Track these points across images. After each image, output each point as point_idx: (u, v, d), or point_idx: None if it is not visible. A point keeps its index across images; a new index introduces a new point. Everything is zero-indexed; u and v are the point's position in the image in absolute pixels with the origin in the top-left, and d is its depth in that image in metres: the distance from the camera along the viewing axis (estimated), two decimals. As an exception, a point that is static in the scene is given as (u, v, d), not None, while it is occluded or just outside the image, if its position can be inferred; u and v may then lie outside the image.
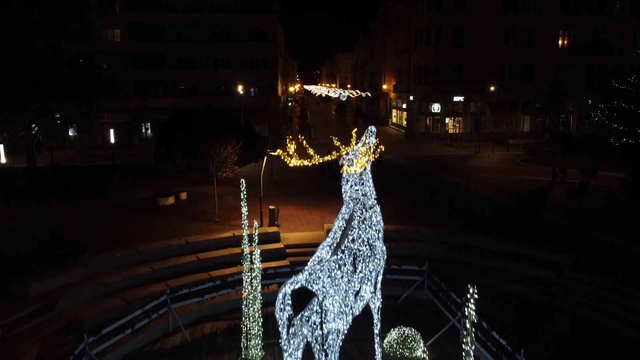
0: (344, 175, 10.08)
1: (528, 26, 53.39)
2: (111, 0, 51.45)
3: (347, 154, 9.84)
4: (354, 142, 10.02)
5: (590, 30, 54.61)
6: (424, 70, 55.16)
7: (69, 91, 28.03)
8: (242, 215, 12.46)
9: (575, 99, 53.74)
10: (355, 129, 10.00)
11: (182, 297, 15.01)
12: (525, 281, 16.80)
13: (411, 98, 59.10)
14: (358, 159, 9.61)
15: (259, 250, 12.60)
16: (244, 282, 12.75)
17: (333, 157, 9.74)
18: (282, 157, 9.58)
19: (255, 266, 12.53)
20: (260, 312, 12.71)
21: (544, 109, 54.75)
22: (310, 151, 9.52)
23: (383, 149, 9.77)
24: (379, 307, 11.04)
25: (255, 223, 12.43)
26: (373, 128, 10.18)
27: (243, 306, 12.78)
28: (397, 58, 64.95)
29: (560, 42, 55.10)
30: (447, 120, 55.76)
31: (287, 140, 9.39)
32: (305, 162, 9.41)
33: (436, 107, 55.73)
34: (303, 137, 9.73)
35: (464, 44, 53.16)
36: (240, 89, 50.18)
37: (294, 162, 9.28)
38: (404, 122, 64.05)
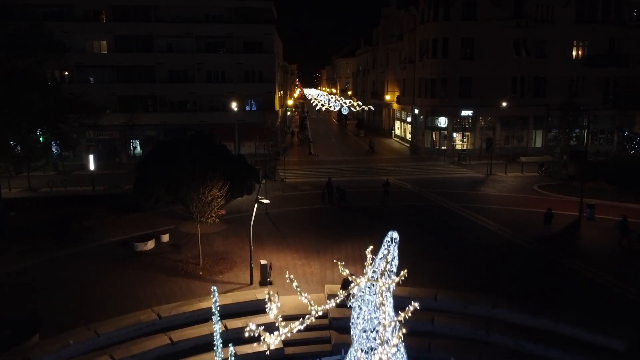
0: (352, 304, 6.91)
1: (540, 37, 50.45)
2: (97, 10, 48.27)
3: (359, 284, 6.65)
4: (368, 264, 6.82)
5: (606, 41, 51.71)
6: (430, 82, 51.98)
7: (37, 119, 24.85)
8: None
9: (590, 113, 50.62)
10: (371, 247, 6.79)
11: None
12: (572, 376, 13.60)
13: (416, 111, 55.98)
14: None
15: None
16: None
17: (341, 296, 6.56)
18: (261, 339, 6.45)
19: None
20: None
21: (557, 123, 51.93)
22: (305, 297, 6.37)
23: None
24: None
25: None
26: (395, 234, 7.02)
27: None
28: (401, 68, 61.78)
29: (574, 54, 52.19)
30: (454, 135, 52.64)
31: (267, 295, 6.25)
32: (298, 326, 6.27)
33: (443, 122, 52.60)
34: (294, 280, 6.56)
35: (472, 56, 50.12)
36: (234, 105, 46.99)
37: (277, 337, 6.15)
38: (408, 136, 60.90)
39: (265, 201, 19.58)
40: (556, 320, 15.38)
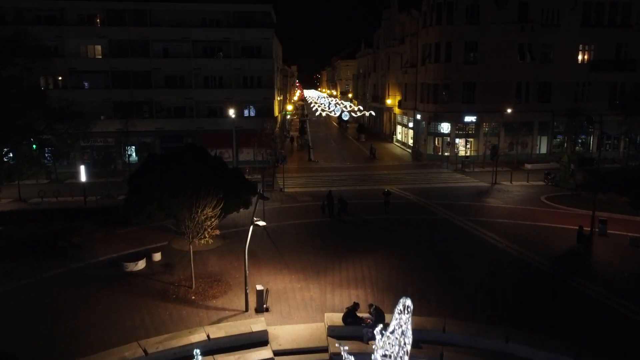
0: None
1: (546, 41, 49.31)
2: (91, 14, 47.08)
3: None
4: (378, 347, 5.61)
5: (613, 45, 50.51)
6: (432, 87, 50.78)
7: (22, 130, 23.73)
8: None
9: (601, 122, 49.45)
10: (380, 325, 5.59)
11: None
12: None
13: (418, 116, 54.77)
14: None
15: None
16: None
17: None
18: None
19: None
20: None
21: (562, 129, 50.79)
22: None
23: None
24: None
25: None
26: (408, 302, 5.82)
27: None
28: (402, 72, 60.58)
29: (580, 58, 50.99)
30: (457, 141, 51.45)
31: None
32: None
33: (446, 127, 51.43)
34: None
35: (476, 61, 48.94)
36: (232, 111, 45.77)
37: None
38: (410, 141, 59.71)
39: (262, 223, 18.33)
40: (575, 357, 14.18)
